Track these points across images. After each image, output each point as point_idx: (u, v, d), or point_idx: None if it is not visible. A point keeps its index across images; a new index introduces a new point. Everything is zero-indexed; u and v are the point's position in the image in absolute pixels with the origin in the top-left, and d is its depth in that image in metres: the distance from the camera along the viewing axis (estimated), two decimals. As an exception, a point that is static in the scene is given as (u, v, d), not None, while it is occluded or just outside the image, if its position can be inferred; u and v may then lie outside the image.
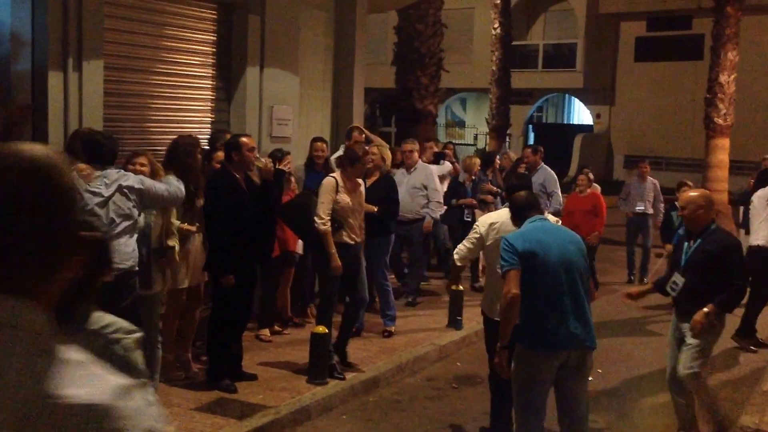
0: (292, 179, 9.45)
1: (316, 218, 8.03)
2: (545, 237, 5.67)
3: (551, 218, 6.67)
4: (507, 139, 32.23)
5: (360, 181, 8.55)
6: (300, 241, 9.44)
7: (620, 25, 32.23)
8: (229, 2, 9.90)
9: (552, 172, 13.02)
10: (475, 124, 36.23)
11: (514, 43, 30.28)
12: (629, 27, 31.93)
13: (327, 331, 7.79)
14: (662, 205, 13.65)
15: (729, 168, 20.32)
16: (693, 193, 6.86)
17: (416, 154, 11.61)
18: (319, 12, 11.99)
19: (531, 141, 35.49)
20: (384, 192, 9.55)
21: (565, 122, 36.95)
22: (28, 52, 7.58)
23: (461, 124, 38.75)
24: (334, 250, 7.99)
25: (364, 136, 10.66)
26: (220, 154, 7.93)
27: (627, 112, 31.94)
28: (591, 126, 33.97)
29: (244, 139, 7.67)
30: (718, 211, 18.13)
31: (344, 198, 8.14)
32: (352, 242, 8.27)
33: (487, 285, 7.09)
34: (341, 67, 12.53)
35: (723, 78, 18.19)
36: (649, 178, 14.02)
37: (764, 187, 10.88)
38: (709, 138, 18.51)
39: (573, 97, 35.42)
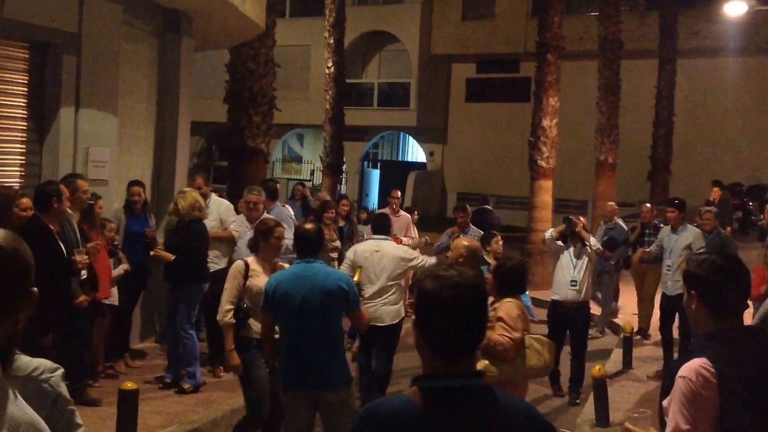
0: (110, 225, 9.16)
1: (219, 309, 6.99)
2: (292, 281, 6.04)
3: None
4: (343, 176, 32.42)
5: (281, 262, 7.42)
6: (113, 290, 9.12)
7: (452, 67, 33.04)
8: (42, 41, 9.51)
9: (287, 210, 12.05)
10: (312, 160, 36.28)
11: (350, 80, 30.59)
12: (460, 68, 32.79)
13: (136, 387, 7.47)
14: None
15: (553, 207, 21.01)
16: (464, 242, 7.06)
17: (262, 207, 10.17)
18: (141, 50, 11.73)
19: (372, 178, 35.82)
20: (187, 239, 9.12)
21: (400, 159, 37.49)
22: None
23: (298, 160, 38.73)
24: (232, 347, 6.86)
25: (201, 180, 10.46)
26: (25, 201, 7.55)
27: (459, 150, 32.70)
28: (425, 163, 34.58)
29: (63, 187, 7.34)
30: (542, 251, 18.74)
31: (258, 282, 6.86)
32: None
33: None
34: (165, 106, 12.28)
35: (546, 122, 18.78)
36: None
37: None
38: (533, 180, 19.07)
39: (407, 135, 36.00)
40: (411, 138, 36.01)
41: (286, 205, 12.91)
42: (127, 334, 9.83)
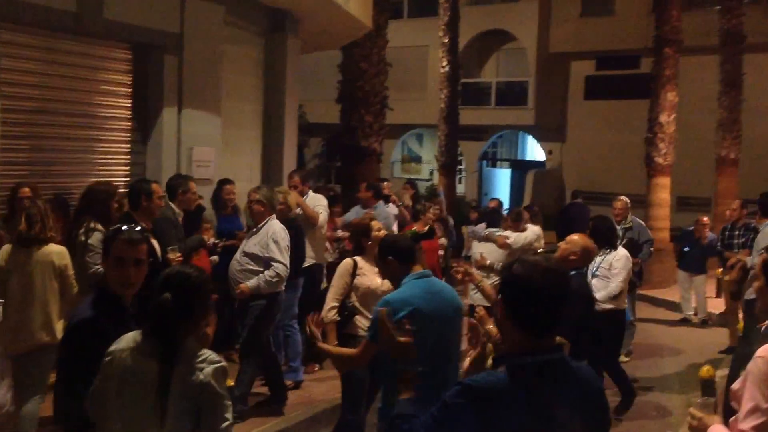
0: (205, 225, 9.26)
1: (324, 306, 6.81)
2: (427, 299, 5.08)
3: None
4: (462, 175, 32.24)
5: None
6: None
7: (570, 64, 32.42)
8: (145, 42, 9.72)
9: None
10: (431, 160, 36.19)
11: (467, 80, 30.39)
12: (579, 66, 32.11)
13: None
14: None
15: (675, 205, 20.36)
16: (575, 238, 6.69)
17: (261, 207, 8.15)
18: (247, 51, 11.86)
19: (494, 177, 35.56)
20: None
21: (519, 158, 37.07)
22: None
23: (417, 160, 38.73)
24: (335, 344, 6.55)
25: (298, 179, 10.48)
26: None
27: (578, 148, 32.06)
28: (543, 162, 34.10)
29: (155, 185, 7.45)
30: (660, 249, 18.17)
31: (365, 281, 6.77)
32: None
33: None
34: (272, 106, 12.39)
35: (663, 118, 18.25)
36: None
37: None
38: (650, 177, 18.56)
39: (526, 134, 35.56)
40: (529, 136, 35.55)
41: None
42: (229, 331, 9.90)
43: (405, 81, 29.84)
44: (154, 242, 7.25)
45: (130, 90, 9.76)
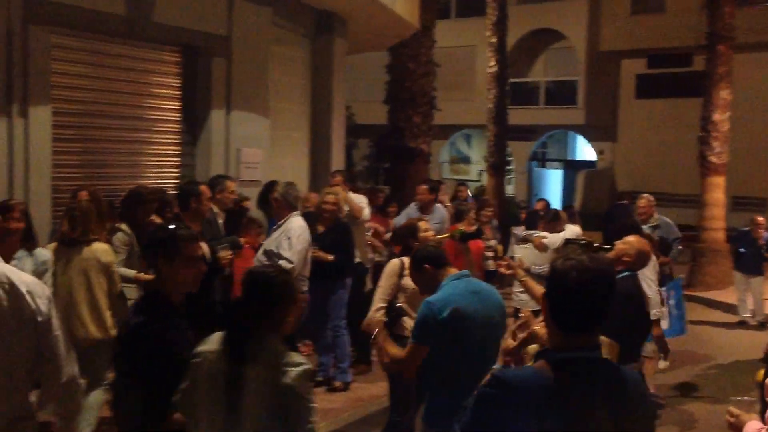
0: (256, 228, 9.24)
1: (372, 307, 6.79)
2: (471, 299, 4.97)
3: None
4: (512, 176, 32.00)
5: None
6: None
7: (621, 63, 32.05)
8: (193, 45, 9.77)
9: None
10: (479, 161, 36.02)
11: (516, 80, 30.16)
12: (630, 64, 31.72)
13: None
14: None
15: (730, 205, 19.97)
16: (632, 239, 6.54)
17: (275, 204, 8.26)
18: (294, 52, 11.88)
19: (544, 177, 35.30)
20: (338, 238, 8.94)
21: (569, 158, 36.69)
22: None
23: (466, 161, 38.58)
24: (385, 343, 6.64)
25: (341, 178, 10.44)
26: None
27: (629, 148, 31.69)
28: (594, 162, 33.75)
29: (203, 187, 7.45)
30: (715, 250, 17.86)
31: (412, 283, 6.49)
32: None
33: None
34: (319, 107, 12.39)
35: (717, 116, 17.93)
36: None
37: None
38: (703, 176, 18.24)
39: (576, 134, 35.20)
40: (579, 136, 35.20)
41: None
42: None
43: (453, 81, 29.75)
44: (203, 244, 7.29)
45: (179, 92, 9.83)
